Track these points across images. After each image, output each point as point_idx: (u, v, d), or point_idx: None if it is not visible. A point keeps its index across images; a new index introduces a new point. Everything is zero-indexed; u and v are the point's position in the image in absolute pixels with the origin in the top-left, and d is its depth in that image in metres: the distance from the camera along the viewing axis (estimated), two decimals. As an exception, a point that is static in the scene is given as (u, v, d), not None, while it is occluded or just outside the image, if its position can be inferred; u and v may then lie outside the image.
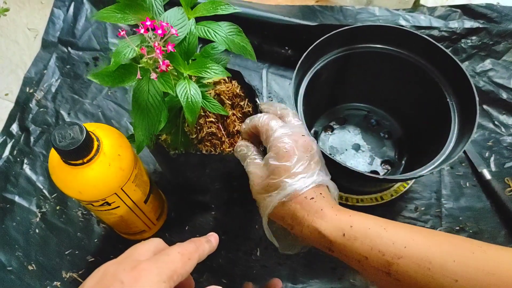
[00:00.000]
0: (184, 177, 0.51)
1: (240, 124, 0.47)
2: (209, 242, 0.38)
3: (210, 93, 0.47)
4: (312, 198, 0.37)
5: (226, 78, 0.49)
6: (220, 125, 0.47)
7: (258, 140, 0.45)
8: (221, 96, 0.48)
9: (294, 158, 0.38)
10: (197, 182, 0.51)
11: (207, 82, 0.43)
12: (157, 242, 0.35)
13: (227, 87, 0.48)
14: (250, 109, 0.49)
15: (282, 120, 0.43)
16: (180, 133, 0.44)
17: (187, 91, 0.37)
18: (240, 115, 0.48)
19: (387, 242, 0.33)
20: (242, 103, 0.49)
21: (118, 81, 0.36)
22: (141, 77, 0.35)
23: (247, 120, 0.45)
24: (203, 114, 0.46)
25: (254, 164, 0.42)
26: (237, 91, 0.49)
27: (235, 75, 0.49)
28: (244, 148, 0.44)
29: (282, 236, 0.44)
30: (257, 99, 0.48)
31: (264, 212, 0.40)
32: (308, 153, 0.39)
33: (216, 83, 0.48)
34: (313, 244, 0.38)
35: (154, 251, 0.33)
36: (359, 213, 0.37)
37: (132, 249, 0.33)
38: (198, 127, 0.47)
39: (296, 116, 0.44)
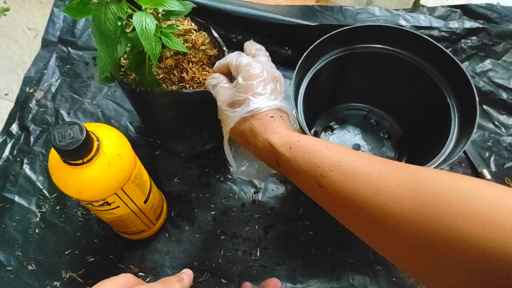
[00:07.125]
0: (154, 120, 0.54)
1: (203, 67, 0.51)
2: (181, 280, 0.36)
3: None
4: (272, 117, 0.41)
5: (197, 29, 0.53)
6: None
7: (230, 77, 0.47)
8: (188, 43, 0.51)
9: (261, 79, 0.42)
10: (166, 126, 0.54)
11: (176, 27, 0.47)
12: (126, 278, 0.34)
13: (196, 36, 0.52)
14: (214, 52, 0.52)
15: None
16: (146, 73, 0.46)
17: (142, 20, 0.40)
18: (205, 58, 0.52)
19: (324, 156, 0.35)
20: (207, 50, 0.52)
21: (83, 13, 0.39)
22: (96, 1, 0.38)
23: (219, 61, 0.48)
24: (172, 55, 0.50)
25: (223, 88, 0.45)
26: (206, 41, 0.52)
27: (205, 28, 0.53)
28: (216, 77, 0.46)
29: (240, 157, 0.48)
30: (225, 48, 0.52)
31: (227, 127, 0.43)
32: (274, 80, 0.43)
33: (186, 32, 0.52)
34: (263, 158, 0.41)
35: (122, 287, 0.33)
36: (310, 136, 0.40)
37: (98, 284, 0.33)
38: (164, 67, 0.50)
39: (267, 56, 0.48)
